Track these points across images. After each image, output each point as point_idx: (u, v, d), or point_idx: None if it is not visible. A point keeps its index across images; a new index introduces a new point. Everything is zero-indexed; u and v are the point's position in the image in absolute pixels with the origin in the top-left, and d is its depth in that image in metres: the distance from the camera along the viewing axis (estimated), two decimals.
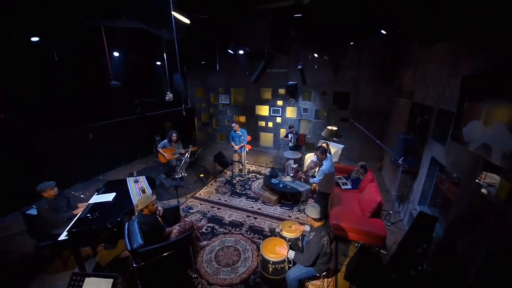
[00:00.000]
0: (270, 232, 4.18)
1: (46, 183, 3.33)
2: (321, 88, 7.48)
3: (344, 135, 7.35)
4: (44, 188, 3.29)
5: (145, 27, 3.54)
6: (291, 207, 4.99)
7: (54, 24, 3.40)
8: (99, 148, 6.24)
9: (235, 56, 7.38)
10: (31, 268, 3.41)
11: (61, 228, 3.28)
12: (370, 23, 3.68)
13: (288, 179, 5.39)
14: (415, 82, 4.96)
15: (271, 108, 8.38)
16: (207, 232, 4.18)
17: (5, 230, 4.19)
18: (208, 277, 3.26)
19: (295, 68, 7.18)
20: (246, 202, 5.23)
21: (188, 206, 4.98)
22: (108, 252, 3.69)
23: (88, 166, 5.99)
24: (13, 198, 4.48)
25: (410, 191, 4.55)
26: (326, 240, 2.59)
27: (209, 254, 3.67)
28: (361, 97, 7.09)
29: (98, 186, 5.57)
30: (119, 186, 4.04)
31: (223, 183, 6.15)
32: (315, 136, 7.90)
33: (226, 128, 9.38)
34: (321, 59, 6.66)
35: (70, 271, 3.37)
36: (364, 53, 6.56)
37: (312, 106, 7.74)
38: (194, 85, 9.53)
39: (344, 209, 4.26)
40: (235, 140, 6.18)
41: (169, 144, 5.79)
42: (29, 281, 3.24)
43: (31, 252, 3.48)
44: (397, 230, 4.38)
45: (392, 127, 6.38)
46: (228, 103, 9.06)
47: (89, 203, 3.51)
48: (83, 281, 2.13)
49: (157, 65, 7.58)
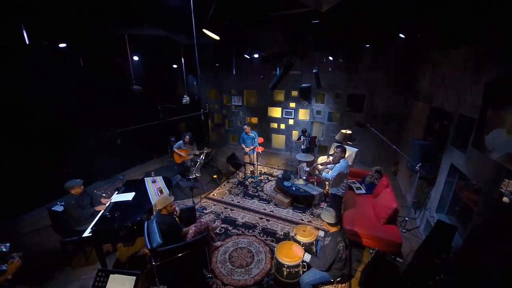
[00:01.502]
0: (283, 235, 4.20)
1: (75, 181, 3.54)
2: (335, 91, 7.42)
3: (357, 138, 7.25)
4: (72, 185, 3.50)
5: (166, 34, 3.67)
6: (304, 210, 4.99)
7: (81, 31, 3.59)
8: (118, 148, 6.48)
9: (248, 59, 7.46)
10: (56, 261, 3.61)
11: (84, 224, 3.47)
12: (389, 27, 3.63)
13: (301, 182, 5.39)
14: (434, 86, 4.84)
15: (284, 110, 8.39)
16: (220, 232, 4.26)
17: (32, 224, 4.45)
18: (222, 278, 3.33)
19: (309, 71, 7.16)
20: (259, 204, 5.28)
21: (202, 207, 5.09)
22: (127, 249, 3.84)
23: (107, 165, 6.23)
24: (39, 194, 4.75)
25: (427, 198, 4.44)
26: (342, 245, 2.59)
27: (223, 254, 3.75)
28: (376, 100, 6.97)
29: (117, 185, 5.80)
30: (138, 185, 4.20)
31: (235, 184, 6.23)
32: (328, 139, 7.83)
33: (239, 130, 9.46)
34: (336, 62, 6.60)
35: (92, 266, 3.57)
36: (380, 56, 6.44)
37: (326, 108, 7.69)
38: (208, 87, 9.68)
39: (358, 214, 4.22)
40: (246, 142, 6.25)
41: (184, 145, 5.93)
42: (55, 274, 3.43)
43: (56, 246, 3.67)
44: (413, 237, 4.29)
45: (408, 132, 6.24)
46: (241, 105, 9.14)
47: (110, 202, 3.67)
48: (108, 277, 2.25)
49: (174, 68, 7.77)
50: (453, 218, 3.80)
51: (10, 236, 4.04)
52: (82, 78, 4.85)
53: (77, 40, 3.92)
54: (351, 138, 5.55)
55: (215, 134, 10.29)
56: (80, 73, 4.78)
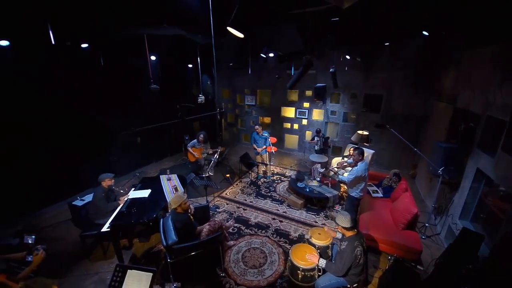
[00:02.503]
0: (298, 237, 4.14)
1: (107, 174, 3.71)
2: (351, 90, 7.24)
3: (373, 140, 7.03)
4: (104, 178, 3.66)
5: (184, 34, 3.70)
6: (317, 212, 4.90)
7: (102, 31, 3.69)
8: (135, 146, 6.65)
9: (263, 58, 7.42)
10: (75, 254, 3.73)
11: (104, 217, 3.56)
12: (413, 24, 3.47)
13: (315, 184, 5.30)
14: (458, 86, 4.60)
15: (297, 110, 8.29)
16: (233, 232, 4.26)
17: (53, 218, 4.64)
18: (235, 277, 3.32)
19: (324, 70, 7.04)
20: (271, 204, 5.23)
21: (215, 205, 5.11)
22: (142, 245, 3.92)
23: (124, 162, 6.39)
24: (60, 189, 4.95)
25: (449, 204, 4.24)
26: (359, 250, 2.51)
27: (236, 254, 3.74)
28: (394, 100, 6.74)
29: (134, 181, 5.95)
30: (154, 183, 4.27)
31: (248, 184, 6.22)
32: (343, 140, 7.67)
33: (251, 129, 9.42)
34: (353, 61, 6.43)
35: (110, 260, 3.66)
36: (399, 54, 6.21)
37: (341, 108, 7.52)
38: (221, 86, 9.73)
39: (375, 218, 4.09)
40: (258, 142, 6.21)
41: (198, 144, 5.98)
42: (74, 267, 3.54)
43: (75, 239, 3.80)
44: (433, 244, 4.11)
45: (428, 134, 5.98)
46: (254, 104, 9.12)
47: (128, 198, 3.75)
48: (126, 272, 2.29)
49: (189, 68, 7.87)
50: (478, 226, 3.59)
51: (33, 229, 4.23)
52: (102, 77, 5.00)
53: (98, 40, 4.03)
54: (368, 139, 5.37)
55: (228, 133, 10.34)
56: (101, 73, 4.93)
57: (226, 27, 2.34)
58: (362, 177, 3.86)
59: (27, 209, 4.57)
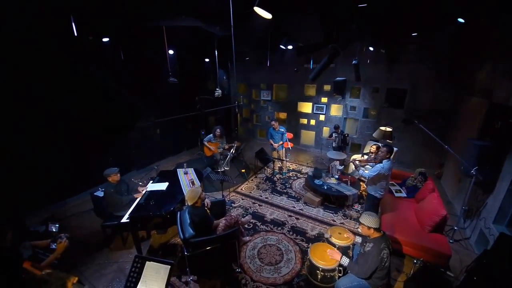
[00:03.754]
0: (317, 236, 4.01)
1: (112, 169, 3.72)
2: (372, 85, 6.89)
3: (396, 137, 6.68)
4: (110, 173, 3.68)
5: (202, 25, 3.64)
6: (335, 211, 4.73)
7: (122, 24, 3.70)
8: (152, 139, 6.77)
9: (279, 52, 7.24)
10: (96, 243, 3.85)
11: (122, 210, 3.64)
12: (449, 10, 3.17)
13: (333, 181, 5.12)
14: (495, 79, 4.21)
15: (315, 105, 8.05)
16: (249, 227, 4.21)
17: (76, 207, 4.83)
18: (251, 273, 3.27)
19: (344, 63, 6.75)
20: (287, 201, 5.13)
21: (231, 200, 5.09)
22: (160, 237, 3.97)
23: (142, 156, 6.54)
24: (83, 179, 5.13)
25: (482, 206, 3.92)
26: (386, 253, 2.36)
27: (251, 250, 3.69)
28: (420, 95, 6.34)
29: (152, 174, 6.06)
30: (171, 176, 4.30)
31: (263, 179, 6.14)
32: (363, 136, 7.36)
33: (266, 124, 9.33)
34: (377, 53, 6.09)
35: (129, 250, 3.74)
36: (427, 45, 5.79)
37: (361, 104, 7.20)
38: (237, 80, 9.66)
39: (398, 219, 3.87)
40: (275, 138, 6.09)
41: (214, 139, 5.97)
42: (95, 255, 3.65)
43: (97, 229, 3.92)
44: (462, 249, 3.84)
45: (458, 131, 5.57)
46: (270, 99, 8.98)
47: (146, 190, 3.80)
48: (144, 264, 2.29)
49: (206, 62, 7.86)
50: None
51: (58, 217, 4.43)
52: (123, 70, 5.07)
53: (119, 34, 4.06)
54: (391, 136, 5.09)
55: (243, 128, 10.29)
56: (121, 66, 5.00)
57: (254, 7, 2.23)
58: (385, 176, 3.66)
59: (53, 199, 4.78)
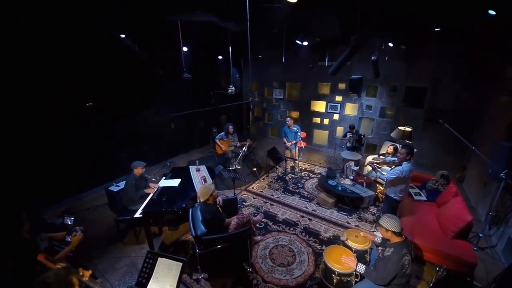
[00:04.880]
0: (332, 238, 3.87)
1: (139, 162, 3.82)
2: (390, 83, 6.62)
3: (415, 137, 6.39)
4: (136, 165, 3.78)
5: (216, 20, 3.59)
6: (350, 213, 4.57)
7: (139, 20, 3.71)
8: (165, 137, 6.83)
9: (293, 49, 7.09)
10: (110, 237, 3.90)
11: (136, 204, 3.66)
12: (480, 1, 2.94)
13: (348, 182, 4.95)
14: None
15: (328, 104, 7.84)
16: (260, 227, 4.14)
17: (91, 201, 4.93)
18: (263, 274, 3.20)
19: (360, 60, 6.52)
20: (300, 201, 5.01)
21: (242, 199, 5.03)
22: (171, 233, 3.98)
23: (155, 152, 6.61)
24: (98, 175, 5.24)
25: (510, 213, 3.65)
26: (407, 260, 2.21)
27: (263, 250, 3.62)
28: (441, 93, 6.01)
29: (164, 171, 6.12)
30: (183, 173, 4.30)
31: (275, 179, 6.05)
32: (378, 137, 7.10)
33: (278, 123, 9.23)
34: (395, 50, 5.83)
35: (141, 245, 3.76)
36: (451, 41, 5.47)
37: (378, 103, 6.94)
38: (250, 78, 9.59)
39: (418, 223, 3.68)
40: (288, 137, 5.97)
41: (226, 137, 5.94)
42: (108, 249, 3.70)
43: (111, 223, 3.98)
44: (487, 257, 3.59)
45: (485, 132, 5.24)
46: (282, 98, 8.86)
47: (159, 186, 3.81)
48: (157, 260, 2.27)
49: (219, 59, 7.86)
50: None
51: (73, 211, 4.52)
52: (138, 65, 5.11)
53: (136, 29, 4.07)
54: (410, 136, 4.85)
55: (254, 127, 10.22)
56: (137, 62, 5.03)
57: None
58: (406, 179, 3.47)
59: (70, 192, 4.91)
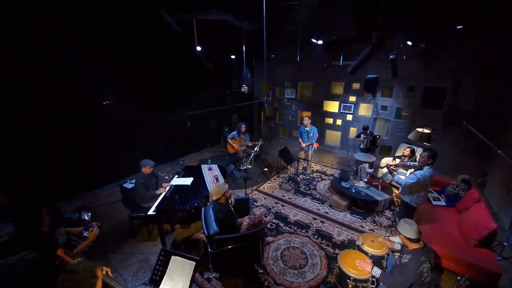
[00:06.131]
0: (347, 242, 3.78)
1: (148, 161, 3.83)
2: (407, 83, 6.40)
3: (433, 139, 6.15)
4: (145, 164, 3.79)
5: (231, 19, 3.58)
6: (364, 217, 4.44)
7: None
8: (177, 135, 6.92)
9: (306, 49, 6.99)
10: (123, 233, 3.97)
11: (148, 202, 3.71)
12: None
13: (362, 185, 4.82)
14: None
15: (342, 104, 7.69)
16: (271, 228, 4.10)
17: (106, 197, 5.05)
18: (274, 276, 3.16)
19: (376, 59, 6.31)
20: (312, 203, 4.93)
21: (253, 199, 5.00)
22: (183, 231, 4.01)
23: (168, 151, 6.70)
24: (112, 171, 5.37)
25: None
26: (426, 267, 2.11)
27: (274, 251, 3.58)
28: (462, 94, 5.75)
29: (176, 169, 6.19)
30: (196, 171, 4.32)
31: (286, 179, 5.99)
32: (394, 139, 6.89)
33: (289, 123, 9.15)
34: (413, 49, 5.62)
35: (154, 241, 3.81)
36: (474, 38, 5.21)
37: (393, 103, 6.73)
38: (262, 79, 9.56)
39: (437, 230, 3.52)
40: (303, 137, 5.89)
41: (238, 136, 5.94)
42: (122, 244, 3.77)
43: (125, 219, 4.05)
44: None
45: (509, 134, 4.97)
46: (294, 98, 8.76)
47: (172, 185, 3.84)
48: (170, 258, 2.28)
49: (231, 58, 7.88)
50: None
51: (88, 206, 4.65)
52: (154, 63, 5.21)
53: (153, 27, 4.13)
54: (429, 138, 4.66)
55: (265, 127, 10.18)
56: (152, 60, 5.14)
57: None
58: (424, 185, 3.33)
59: (85, 188, 5.05)
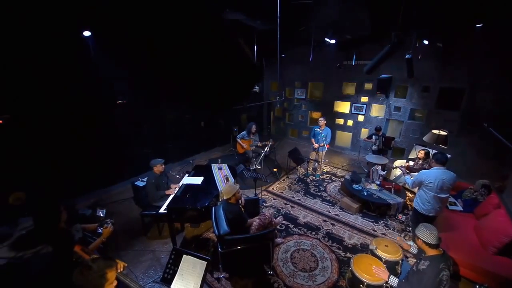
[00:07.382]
0: (360, 246, 3.71)
1: (157, 160, 3.84)
2: (422, 83, 6.21)
3: (449, 142, 5.95)
4: (155, 163, 3.80)
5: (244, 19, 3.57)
6: (376, 220, 4.34)
7: None
8: (187, 134, 6.98)
9: (317, 48, 6.90)
10: (135, 230, 4.03)
11: (158, 202, 3.73)
12: None
13: (374, 187, 4.71)
14: None
15: (353, 105, 7.55)
16: (281, 229, 4.07)
17: (118, 195, 5.14)
18: (284, 278, 3.13)
19: (390, 59, 6.16)
20: (322, 205, 4.86)
21: (262, 199, 4.98)
22: (193, 230, 4.03)
23: (178, 150, 6.77)
24: (125, 169, 5.47)
25: None
26: (445, 275, 2.03)
27: (284, 253, 3.54)
28: (481, 95, 5.52)
29: (186, 168, 6.24)
30: (206, 171, 4.33)
31: (295, 180, 5.94)
32: (407, 140, 6.70)
33: (299, 124, 9.07)
34: (431, 47, 5.44)
35: (164, 240, 3.85)
36: (494, 37, 4.99)
37: (407, 104, 6.54)
38: (271, 78, 9.52)
39: (453, 235, 3.40)
40: (317, 138, 5.82)
41: (248, 136, 5.93)
42: (133, 242, 3.82)
43: (136, 217, 4.11)
44: None
45: None
46: (304, 98, 8.68)
47: (182, 184, 3.86)
48: (181, 257, 2.29)
49: None
50: None
51: (101, 203, 4.75)
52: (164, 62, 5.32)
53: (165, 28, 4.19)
54: (446, 141, 4.51)
55: (274, 127, 10.14)
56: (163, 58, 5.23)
57: None
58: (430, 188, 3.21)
59: (98, 185, 5.16)
